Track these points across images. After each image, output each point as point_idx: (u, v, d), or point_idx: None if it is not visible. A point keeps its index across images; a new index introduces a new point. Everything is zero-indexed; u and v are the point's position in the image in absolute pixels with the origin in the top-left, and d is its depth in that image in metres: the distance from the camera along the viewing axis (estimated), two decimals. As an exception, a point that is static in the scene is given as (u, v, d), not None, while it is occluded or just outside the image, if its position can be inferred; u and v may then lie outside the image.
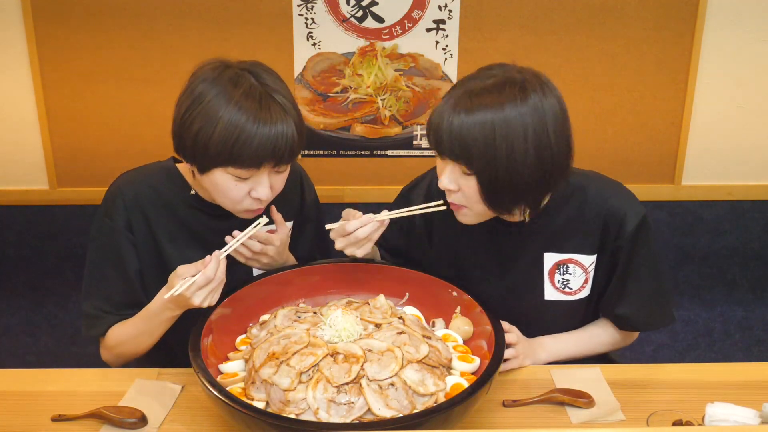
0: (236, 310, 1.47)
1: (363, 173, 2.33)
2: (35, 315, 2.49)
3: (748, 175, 2.37)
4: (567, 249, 1.54)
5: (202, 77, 1.40)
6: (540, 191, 1.40)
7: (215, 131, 1.34)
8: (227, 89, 1.36)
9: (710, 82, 2.25)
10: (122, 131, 2.26)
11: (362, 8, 2.16)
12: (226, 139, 1.34)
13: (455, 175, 1.39)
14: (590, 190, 1.52)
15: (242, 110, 1.34)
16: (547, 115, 1.33)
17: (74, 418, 1.35)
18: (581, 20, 2.17)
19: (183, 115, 1.39)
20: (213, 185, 1.43)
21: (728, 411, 1.23)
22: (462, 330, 1.44)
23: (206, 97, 1.36)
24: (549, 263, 1.54)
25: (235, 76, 1.38)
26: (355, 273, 1.59)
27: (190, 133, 1.37)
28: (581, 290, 1.56)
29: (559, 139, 1.35)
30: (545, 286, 1.56)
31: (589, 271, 1.55)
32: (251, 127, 1.34)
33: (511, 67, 1.38)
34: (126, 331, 1.51)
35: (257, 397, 1.26)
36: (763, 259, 2.48)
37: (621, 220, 1.49)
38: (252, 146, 1.35)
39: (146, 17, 2.14)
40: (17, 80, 2.21)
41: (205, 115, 1.36)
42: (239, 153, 1.35)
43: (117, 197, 1.54)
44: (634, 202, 1.52)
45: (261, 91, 1.37)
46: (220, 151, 1.35)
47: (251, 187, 1.42)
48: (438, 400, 1.25)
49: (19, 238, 2.39)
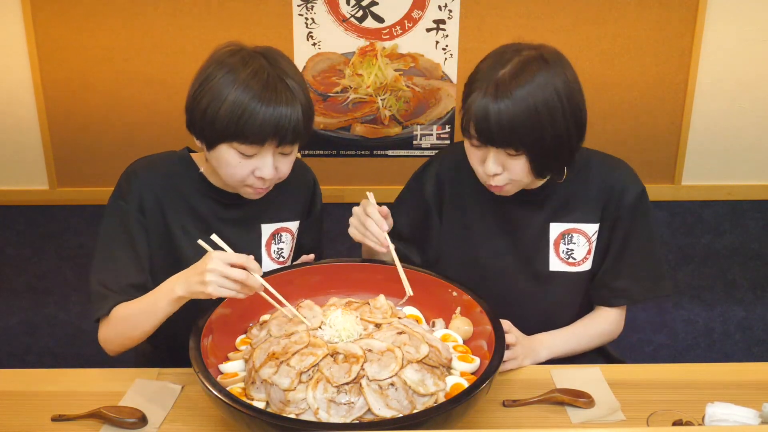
0: (236, 310, 1.47)
1: (363, 173, 2.33)
2: (35, 315, 2.49)
3: (748, 175, 2.37)
4: (571, 219, 1.60)
5: (217, 58, 1.46)
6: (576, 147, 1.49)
7: (222, 107, 1.41)
8: (236, 68, 1.42)
9: (710, 82, 2.25)
10: (122, 131, 2.26)
11: (362, 8, 2.16)
12: (232, 114, 1.40)
13: (500, 159, 1.45)
14: (594, 162, 1.61)
15: (248, 88, 1.40)
16: (567, 72, 1.44)
17: (74, 418, 1.35)
18: (581, 20, 2.17)
19: (195, 91, 1.46)
20: (218, 161, 1.47)
21: (728, 411, 1.23)
22: (462, 330, 1.45)
23: (217, 75, 1.43)
24: (555, 233, 1.61)
25: (247, 57, 1.44)
26: (355, 273, 1.59)
27: (200, 109, 1.44)
28: (584, 261, 1.61)
29: (582, 95, 1.47)
30: (550, 256, 1.61)
31: (592, 240, 1.60)
32: (255, 104, 1.40)
33: (520, 46, 1.46)
34: (130, 308, 1.48)
35: (257, 397, 1.26)
36: (763, 259, 2.48)
37: (621, 190, 1.58)
38: (256, 122, 1.40)
39: (146, 17, 2.14)
40: (17, 79, 2.21)
41: (214, 92, 1.42)
42: (243, 128, 1.40)
43: (132, 180, 1.56)
44: (634, 177, 1.61)
45: (270, 72, 1.43)
46: (225, 125, 1.41)
47: (255, 166, 1.46)
48: (438, 400, 1.25)
49: (19, 238, 2.39)
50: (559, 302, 1.65)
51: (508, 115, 1.38)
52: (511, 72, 1.40)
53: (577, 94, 1.44)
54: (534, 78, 1.39)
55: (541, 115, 1.39)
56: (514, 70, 1.40)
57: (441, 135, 2.30)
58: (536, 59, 1.41)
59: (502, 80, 1.40)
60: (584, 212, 1.60)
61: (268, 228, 1.65)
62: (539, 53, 1.43)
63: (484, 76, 1.43)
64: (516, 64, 1.41)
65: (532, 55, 1.42)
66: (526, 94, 1.38)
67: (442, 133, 2.30)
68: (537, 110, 1.38)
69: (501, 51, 1.46)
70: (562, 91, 1.41)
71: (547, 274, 1.62)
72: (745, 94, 2.27)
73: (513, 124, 1.38)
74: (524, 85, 1.38)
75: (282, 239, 1.68)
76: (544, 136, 1.40)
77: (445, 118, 2.28)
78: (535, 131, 1.39)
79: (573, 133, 1.44)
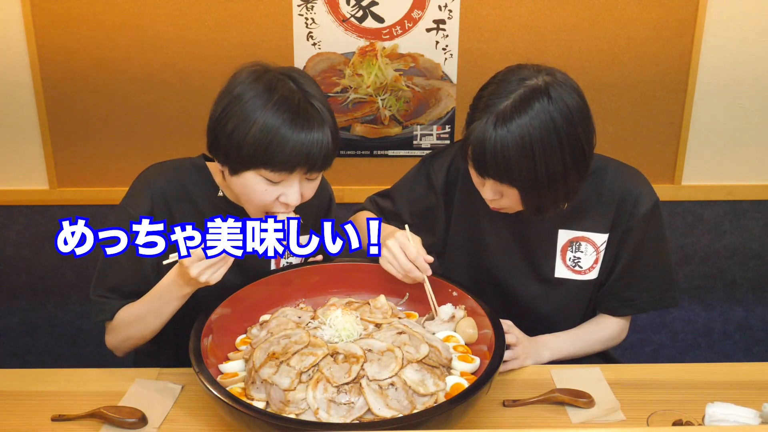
0: (236, 310, 1.47)
1: (363, 173, 2.33)
2: (35, 315, 2.49)
3: (748, 175, 2.37)
4: (581, 227, 1.59)
5: (241, 79, 1.40)
6: (575, 186, 1.45)
7: (250, 132, 1.35)
8: (265, 92, 1.37)
9: (710, 82, 2.25)
10: (122, 131, 2.26)
11: (362, 8, 2.16)
12: (261, 140, 1.34)
13: (497, 188, 1.44)
14: (608, 171, 1.58)
15: (278, 113, 1.35)
16: (573, 112, 1.38)
17: (74, 418, 1.35)
18: (581, 20, 2.17)
19: (219, 114, 1.40)
20: (243, 187, 1.42)
21: (728, 411, 1.23)
22: (466, 333, 1.44)
23: (243, 98, 1.37)
24: (562, 240, 1.59)
25: (274, 80, 1.39)
26: (355, 273, 1.59)
27: (225, 132, 1.38)
28: (590, 270, 1.60)
29: (586, 130, 1.41)
30: (557, 262, 1.60)
31: (600, 250, 1.59)
32: (286, 130, 1.34)
33: (528, 72, 1.40)
34: (134, 311, 1.48)
35: (257, 397, 1.26)
36: (763, 259, 2.48)
37: (635, 201, 1.55)
38: (286, 150, 1.35)
39: (146, 17, 2.14)
40: (17, 80, 2.21)
41: (241, 115, 1.36)
42: (273, 155, 1.35)
43: (144, 187, 1.54)
44: (648, 188, 1.58)
45: (300, 96, 1.38)
46: (253, 152, 1.35)
47: (281, 192, 1.42)
48: (438, 400, 1.25)
49: (19, 238, 2.39)
50: (563, 307, 1.64)
51: (502, 150, 1.35)
52: (513, 106, 1.36)
53: (578, 127, 1.38)
54: (533, 113, 1.35)
55: (535, 152, 1.35)
56: (516, 105, 1.36)
57: (441, 135, 2.30)
58: (539, 92, 1.36)
59: (503, 114, 1.36)
60: (594, 221, 1.58)
61: None
62: (544, 85, 1.37)
63: (486, 105, 1.39)
64: (518, 98, 1.36)
65: (537, 87, 1.37)
66: (523, 131, 1.34)
67: (442, 133, 2.30)
68: (532, 147, 1.34)
69: (506, 78, 1.41)
70: (561, 127, 1.36)
71: (553, 279, 1.61)
72: (745, 94, 2.27)
73: (507, 161, 1.36)
74: (522, 121, 1.35)
75: None
76: (537, 173, 1.37)
77: (445, 118, 2.28)
78: (528, 168, 1.36)
79: (571, 172, 1.40)
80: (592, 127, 1.43)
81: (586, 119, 1.41)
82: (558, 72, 1.42)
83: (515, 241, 1.62)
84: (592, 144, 1.44)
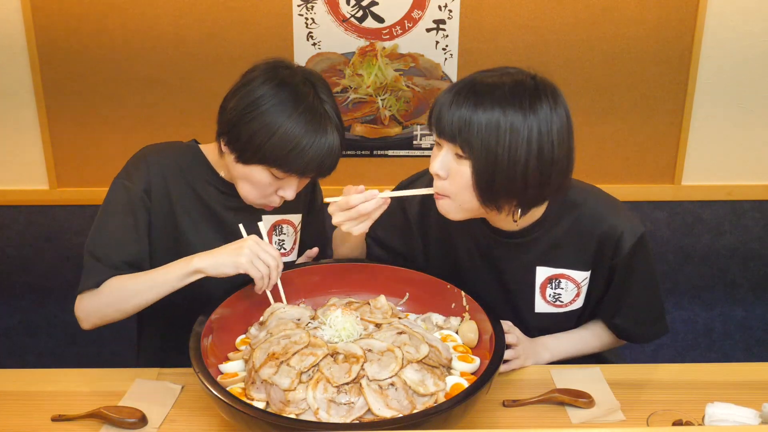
0: (236, 310, 1.47)
1: (363, 173, 2.33)
2: (35, 315, 2.49)
3: (748, 175, 2.37)
4: (560, 264, 1.52)
5: (263, 77, 1.45)
6: (535, 196, 1.38)
7: (274, 136, 1.41)
8: (291, 101, 1.42)
9: (710, 82, 2.25)
10: (122, 131, 2.26)
11: (362, 8, 2.16)
12: (282, 146, 1.41)
13: (448, 159, 1.37)
14: (587, 207, 1.50)
15: (301, 125, 1.41)
16: (554, 127, 1.32)
17: (74, 418, 1.35)
18: (581, 20, 2.17)
19: (242, 110, 1.43)
20: (247, 175, 1.48)
21: (728, 411, 1.23)
22: (467, 337, 1.43)
23: (269, 102, 1.42)
24: (541, 277, 1.54)
25: (298, 88, 1.44)
26: (355, 273, 1.59)
27: (248, 130, 1.43)
28: (573, 303, 1.56)
29: (562, 153, 1.34)
30: (536, 300, 1.56)
31: (582, 286, 1.54)
32: (307, 140, 1.41)
33: (527, 73, 1.38)
34: (129, 280, 1.45)
35: (257, 397, 1.26)
36: (763, 259, 2.48)
37: (617, 239, 1.47)
38: (305, 158, 1.43)
39: (146, 17, 2.14)
40: (17, 80, 2.21)
41: (265, 120, 1.41)
42: (291, 161, 1.43)
43: (141, 163, 1.56)
44: (631, 221, 1.50)
45: (320, 109, 1.44)
46: (272, 154, 1.42)
47: (280, 187, 1.50)
48: (438, 400, 1.24)
49: (19, 238, 2.39)
50: (551, 330, 1.60)
51: (466, 110, 1.31)
52: (497, 84, 1.33)
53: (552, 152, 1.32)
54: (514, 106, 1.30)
55: (500, 136, 1.30)
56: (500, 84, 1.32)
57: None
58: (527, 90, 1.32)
59: (484, 85, 1.33)
60: (573, 259, 1.51)
61: (269, 219, 1.66)
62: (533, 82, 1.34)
63: (473, 76, 1.38)
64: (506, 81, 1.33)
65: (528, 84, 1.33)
66: (497, 111, 1.30)
67: (442, 133, 2.29)
68: (498, 129, 1.30)
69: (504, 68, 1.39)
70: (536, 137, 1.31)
71: (533, 314, 1.57)
72: (745, 94, 2.27)
73: (467, 120, 1.31)
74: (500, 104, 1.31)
75: (283, 231, 1.69)
76: (496, 156, 1.31)
77: (445, 118, 2.28)
78: (489, 143, 1.31)
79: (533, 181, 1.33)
80: (569, 152, 1.36)
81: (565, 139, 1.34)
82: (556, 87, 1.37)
83: (493, 277, 1.57)
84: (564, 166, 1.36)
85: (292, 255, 1.72)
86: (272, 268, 1.42)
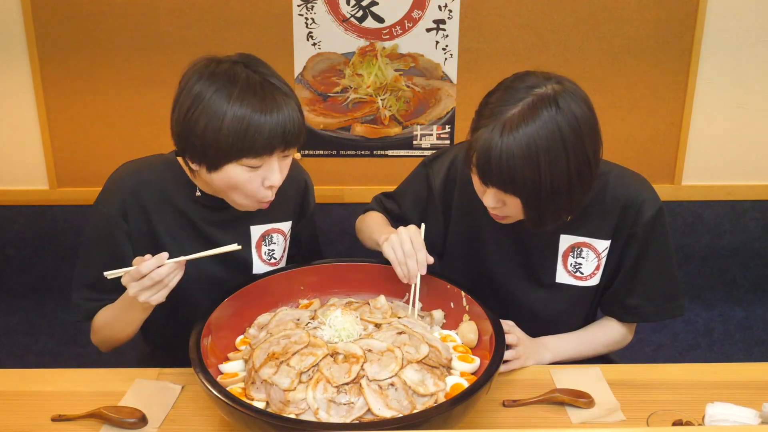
0: (236, 310, 1.47)
1: (363, 173, 2.33)
2: (35, 315, 2.49)
3: (748, 175, 2.37)
4: (583, 232, 1.56)
5: (197, 76, 1.40)
6: (580, 200, 1.43)
7: (223, 126, 1.35)
8: (226, 85, 1.36)
9: (710, 82, 2.25)
10: (122, 131, 2.26)
11: (362, 8, 2.16)
12: (236, 131, 1.35)
13: (499, 196, 1.42)
14: (611, 177, 1.55)
15: (246, 102, 1.35)
16: (581, 122, 1.35)
17: (74, 418, 1.35)
18: (581, 20, 2.17)
19: (185, 115, 1.38)
20: (226, 180, 1.42)
21: (728, 411, 1.23)
22: (467, 337, 1.44)
23: (207, 95, 1.36)
24: (564, 245, 1.57)
25: (230, 70, 1.39)
26: (355, 273, 1.59)
27: (196, 132, 1.37)
28: (592, 276, 1.58)
29: (593, 142, 1.38)
30: (558, 268, 1.58)
31: (602, 257, 1.57)
32: (258, 116, 1.35)
33: (536, 80, 1.38)
34: (107, 316, 1.53)
35: (257, 397, 1.26)
36: (763, 259, 2.48)
37: (639, 207, 1.53)
38: (264, 134, 1.36)
39: (146, 17, 2.14)
40: (17, 80, 2.21)
41: (209, 112, 1.36)
42: (252, 142, 1.36)
43: (115, 187, 1.55)
44: (652, 193, 1.56)
45: (259, 80, 1.39)
46: (231, 143, 1.36)
47: (263, 176, 1.43)
48: (438, 400, 1.25)
49: (19, 238, 2.39)
50: (564, 312, 1.63)
51: (508, 159, 1.33)
52: (520, 114, 1.33)
53: (586, 139, 1.36)
54: (541, 122, 1.32)
55: (540, 162, 1.33)
56: (523, 113, 1.33)
57: (441, 135, 2.30)
58: (547, 101, 1.34)
59: (510, 122, 1.34)
60: (596, 227, 1.55)
61: (258, 229, 1.63)
62: (553, 93, 1.34)
63: (492, 112, 1.37)
64: (525, 106, 1.34)
65: (545, 95, 1.34)
66: (530, 140, 1.32)
67: (442, 133, 2.30)
68: (538, 157, 1.32)
69: (513, 86, 1.39)
70: (568, 137, 1.33)
71: (554, 285, 1.60)
72: (745, 94, 2.27)
73: (512, 170, 1.34)
74: (529, 130, 1.32)
75: (273, 240, 1.65)
76: (542, 183, 1.34)
77: (445, 118, 2.28)
78: (532, 179, 1.34)
79: (575, 184, 1.37)
80: (599, 139, 1.40)
81: (593, 131, 1.38)
82: (567, 81, 1.39)
83: (515, 245, 1.60)
84: (599, 156, 1.41)
85: (281, 263, 1.69)
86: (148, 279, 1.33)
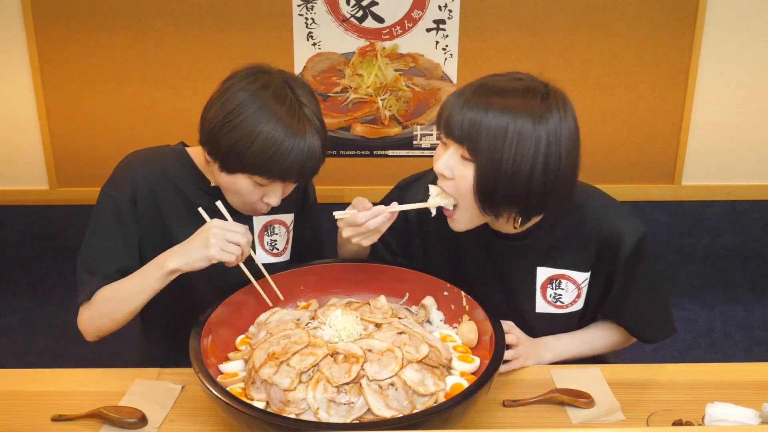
0: (236, 310, 1.47)
1: (363, 173, 2.33)
2: (35, 315, 2.49)
3: (748, 175, 2.37)
4: (560, 264, 1.52)
5: (242, 85, 1.43)
6: (536, 204, 1.38)
7: (255, 143, 1.40)
8: (269, 106, 1.41)
9: (710, 82, 2.25)
10: (122, 131, 2.26)
11: (362, 8, 2.16)
12: (264, 152, 1.40)
13: (453, 160, 1.37)
14: (588, 208, 1.50)
15: (281, 129, 1.40)
16: (563, 138, 1.33)
17: (74, 418, 1.35)
18: (581, 20, 2.17)
19: (223, 118, 1.42)
20: (231, 184, 1.48)
21: (728, 411, 1.23)
22: (467, 337, 1.43)
23: (249, 109, 1.41)
24: (542, 277, 1.54)
25: (280, 92, 1.43)
26: (355, 273, 1.59)
27: (228, 140, 1.42)
28: (573, 304, 1.56)
29: (569, 161, 1.35)
30: (537, 299, 1.55)
31: (582, 287, 1.54)
32: (288, 144, 1.41)
33: (538, 80, 1.38)
34: (116, 289, 1.48)
35: (257, 397, 1.26)
36: (763, 259, 2.48)
37: (617, 241, 1.47)
38: (285, 163, 1.42)
39: (146, 17, 2.14)
40: (17, 80, 2.21)
41: (247, 125, 1.40)
42: (272, 166, 1.42)
43: (125, 171, 1.57)
44: (632, 222, 1.50)
45: (300, 112, 1.43)
46: (254, 162, 1.42)
47: (265, 194, 1.50)
48: (438, 400, 1.25)
49: (19, 238, 2.39)
50: (551, 333, 1.60)
51: (476, 112, 1.31)
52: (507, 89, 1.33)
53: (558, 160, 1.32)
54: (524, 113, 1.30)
55: (506, 142, 1.29)
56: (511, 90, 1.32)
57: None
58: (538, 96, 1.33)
59: (494, 89, 1.33)
60: (575, 259, 1.51)
61: (260, 220, 1.66)
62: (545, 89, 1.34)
63: (484, 80, 1.37)
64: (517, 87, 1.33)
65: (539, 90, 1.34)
66: (506, 116, 1.30)
67: (442, 133, 2.29)
68: (506, 135, 1.29)
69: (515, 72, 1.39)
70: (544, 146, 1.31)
71: (534, 314, 1.57)
72: (745, 94, 2.27)
73: (476, 121, 1.31)
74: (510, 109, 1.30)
75: (275, 231, 1.68)
76: (501, 161, 1.30)
77: (445, 118, 2.27)
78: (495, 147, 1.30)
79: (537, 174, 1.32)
80: (575, 160, 1.36)
81: (573, 147, 1.35)
82: (565, 95, 1.37)
83: (495, 276, 1.57)
84: (570, 175, 1.36)
85: (285, 255, 1.71)
86: (243, 245, 1.42)
